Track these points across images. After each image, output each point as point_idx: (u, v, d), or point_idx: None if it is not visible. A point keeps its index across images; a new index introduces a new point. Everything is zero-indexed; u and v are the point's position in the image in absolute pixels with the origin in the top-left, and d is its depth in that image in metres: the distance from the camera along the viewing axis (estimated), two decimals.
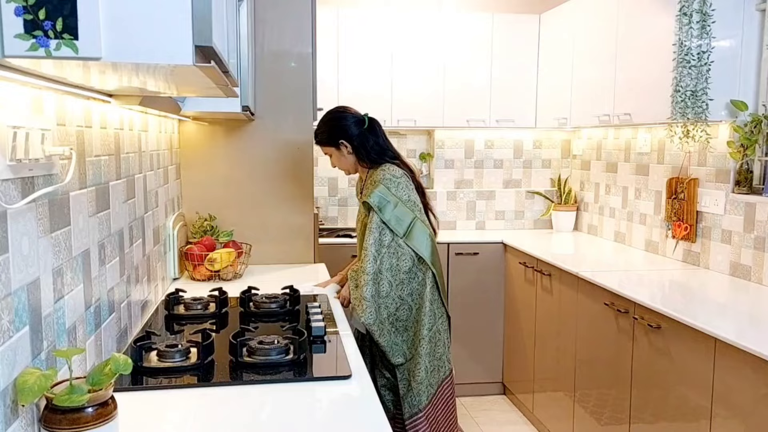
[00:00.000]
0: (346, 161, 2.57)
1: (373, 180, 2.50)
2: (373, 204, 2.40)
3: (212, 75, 1.09)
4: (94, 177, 1.59)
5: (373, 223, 2.40)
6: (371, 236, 2.39)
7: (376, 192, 2.42)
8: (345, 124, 2.54)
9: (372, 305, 2.36)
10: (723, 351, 2.11)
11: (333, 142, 2.54)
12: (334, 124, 2.54)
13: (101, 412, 1.18)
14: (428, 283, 2.45)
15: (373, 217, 2.41)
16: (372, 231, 2.39)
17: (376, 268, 2.38)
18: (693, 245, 3.18)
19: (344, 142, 2.53)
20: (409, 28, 4.17)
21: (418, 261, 2.43)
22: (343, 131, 2.53)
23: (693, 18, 2.75)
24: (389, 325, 2.41)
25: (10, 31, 0.86)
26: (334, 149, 2.56)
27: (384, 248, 2.39)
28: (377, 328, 2.38)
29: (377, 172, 2.50)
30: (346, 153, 2.55)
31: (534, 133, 4.59)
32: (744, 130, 2.75)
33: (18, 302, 1.12)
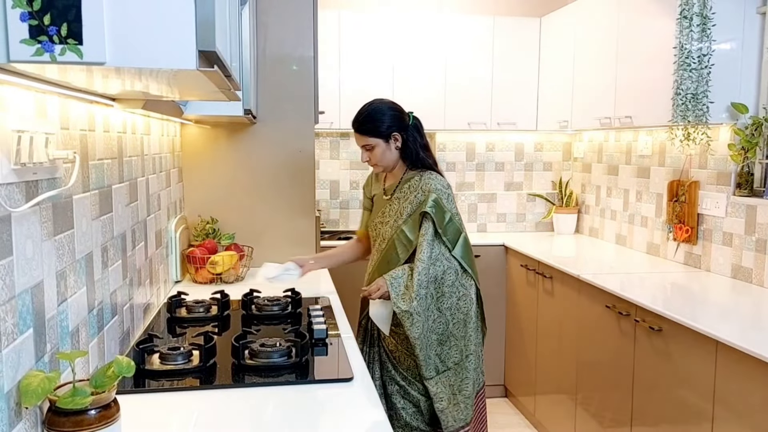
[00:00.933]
0: (390, 156, 2.41)
1: (416, 186, 2.39)
2: (432, 214, 2.30)
3: (215, 79, 1.10)
4: (97, 180, 1.60)
5: (429, 235, 2.30)
6: (427, 248, 2.28)
7: (432, 201, 2.31)
8: (401, 116, 2.41)
9: (422, 319, 2.26)
10: (724, 353, 2.11)
11: (386, 132, 2.37)
12: (394, 114, 2.39)
13: (104, 414, 1.19)
14: (473, 297, 2.38)
15: (429, 228, 2.30)
16: (428, 242, 2.29)
17: (428, 280, 2.29)
18: (694, 248, 3.18)
19: (397, 135, 2.38)
20: (410, 31, 4.18)
21: (462, 274, 2.35)
22: (399, 122, 2.39)
23: (693, 21, 2.76)
24: (424, 337, 2.30)
25: (16, 37, 0.86)
26: (381, 141, 2.38)
27: (432, 260, 2.30)
28: (420, 342, 2.27)
29: (423, 178, 2.39)
30: (393, 147, 2.40)
31: (535, 136, 4.60)
32: (745, 133, 2.75)
33: (22, 305, 1.13)
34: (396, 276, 2.30)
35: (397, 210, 2.43)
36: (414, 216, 2.36)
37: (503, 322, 4.14)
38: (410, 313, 2.24)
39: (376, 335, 2.48)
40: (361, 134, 2.39)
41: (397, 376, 2.42)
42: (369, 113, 2.39)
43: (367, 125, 2.37)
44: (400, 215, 2.40)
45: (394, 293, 2.26)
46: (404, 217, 2.38)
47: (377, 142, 2.38)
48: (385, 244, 2.43)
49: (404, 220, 2.38)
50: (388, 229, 2.44)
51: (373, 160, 2.42)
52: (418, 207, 2.36)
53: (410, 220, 2.37)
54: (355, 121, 2.41)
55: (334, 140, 4.48)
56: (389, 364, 2.43)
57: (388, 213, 2.46)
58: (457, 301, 2.35)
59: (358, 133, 2.40)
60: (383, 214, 2.48)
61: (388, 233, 2.44)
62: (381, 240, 2.47)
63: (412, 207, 2.38)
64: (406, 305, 2.24)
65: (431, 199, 2.33)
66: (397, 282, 2.29)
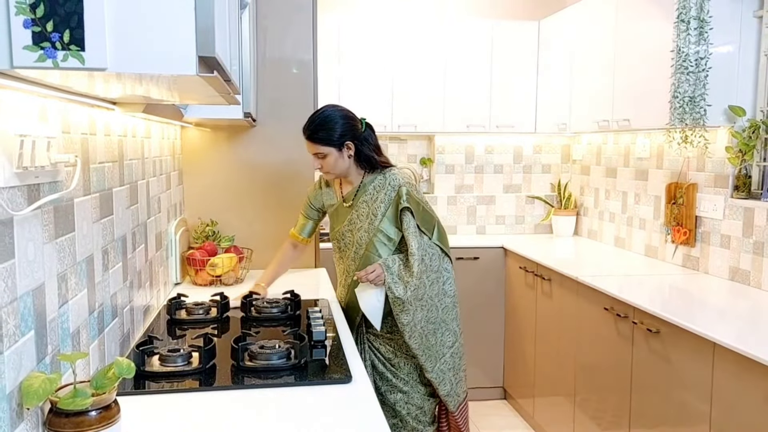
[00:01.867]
0: (343, 164, 2.39)
1: (382, 185, 2.40)
2: (412, 208, 2.34)
3: (215, 84, 1.11)
4: (98, 183, 1.62)
5: (412, 228, 2.33)
6: (413, 240, 2.31)
7: (405, 195, 2.35)
8: (354, 125, 2.39)
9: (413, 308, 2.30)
10: (722, 355, 2.12)
11: (338, 142, 2.35)
12: (346, 123, 2.36)
13: (104, 415, 1.20)
14: (452, 278, 2.45)
15: (410, 222, 2.34)
16: (413, 235, 2.32)
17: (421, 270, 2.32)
18: (692, 250, 3.19)
19: (350, 144, 2.36)
20: (409, 35, 4.20)
21: (443, 258, 2.41)
22: (352, 131, 2.37)
23: (691, 25, 2.77)
24: (420, 329, 2.34)
25: (19, 43, 0.88)
26: (334, 150, 2.35)
27: (421, 251, 2.33)
28: (409, 329, 2.31)
29: (388, 176, 2.41)
30: (346, 155, 2.38)
31: (534, 139, 4.61)
32: (742, 136, 2.77)
33: (24, 307, 1.14)
34: (387, 263, 2.32)
35: (367, 213, 2.41)
36: (389, 214, 2.37)
37: (502, 324, 4.15)
38: (403, 301, 2.28)
39: (367, 347, 2.47)
40: (313, 142, 2.35)
41: (399, 384, 2.41)
42: (321, 121, 2.34)
43: (318, 134, 2.33)
44: (373, 216, 2.39)
45: (390, 278, 2.28)
46: (379, 217, 2.38)
47: (329, 150, 2.35)
48: (363, 249, 2.42)
49: (380, 220, 2.38)
50: (363, 234, 2.42)
51: (325, 167, 2.39)
52: (391, 204, 2.38)
53: (386, 219, 2.37)
54: (306, 129, 2.37)
55: None
56: (388, 374, 2.43)
57: (356, 219, 2.44)
58: (443, 286, 2.41)
59: (309, 140, 2.36)
60: (350, 221, 2.45)
61: (363, 238, 2.41)
62: (357, 247, 2.44)
63: (385, 206, 2.38)
64: (399, 291, 2.28)
65: (404, 193, 2.35)
66: (389, 269, 2.31)
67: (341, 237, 2.50)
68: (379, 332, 2.43)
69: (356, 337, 2.46)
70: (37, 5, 0.87)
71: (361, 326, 2.47)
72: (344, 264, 2.51)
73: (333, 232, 2.55)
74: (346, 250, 2.49)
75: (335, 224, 2.53)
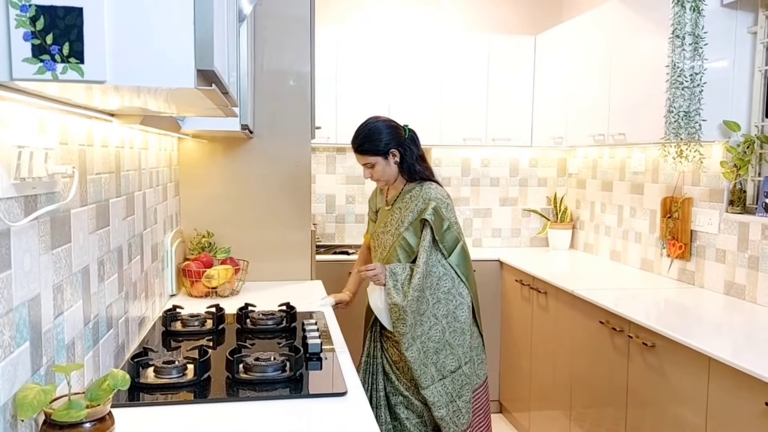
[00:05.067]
0: (390, 171, 2.53)
1: (416, 195, 2.52)
2: (431, 221, 2.43)
3: (213, 97, 1.12)
4: (95, 194, 1.62)
5: (426, 242, 2.43)
6: (424, 253, 2.41)
7: (431, 210, 2.44)
8: (398, 132, 2.52)
9: (410, 319, 2.37)
10: (717, 370, 2.12)
11: (384, 150, 2.49)
12: (390, 131, 2.51)
13: (99, 427, 1.20)
14: (467, 305, 2.48)
15: (427, 235, 2.43)
16: (425, 248, 2.42)
17: (424, 285, 2.40)
18: (688, 264, 3.20)
19: (395, 151, 2.51)
20: (407, 48, 4.22)
21: (459, 283, 2.46)
22: (396, 139, 2.51)
23: (686, 40, 2.80)
24: (420, 344, 2.41)
25: (19, 55, 0.88)
26: (380, 158, 2.50)
27: (429, 266, 2.41)
28: (405, 339, 2.38)
29: (423, 188, 2.53)
30: (392, 163, 2.52)
31: (530, 152, 4.63)
32: (737, 151, 2.79)
33: (19, 318, 1.14)
34: (394, 270, 2.43)
35: (398, 219, 2.54)
36: (415, 223, 2.49)
37: (498, 338, 4.14)
38: (400, 307, 2.36)
39: (380, 347, 2.56)
40: (361, 154, 2.51)
41: (401, 387, 2.49)
42: (366, 133, 2.50)
43: (365, 145, 2.49)
44: (401, 223, 2.52)
45: (390, 283, 2.39)
46: (405, 224, 2.50)
47: (376, 159, 2.50)
48: (386, 252, 2.55)
49: (405, 227, 2.50)
50: (389, 237, 2.56)
51: (375, 176, 2.55)
52: (418, 215, 2.48)
53: (411, 227, 2.49)
54: (353, 142, 2.52)
55: (330, 155, 4.51)
56: (392, 375, 2.51)
57: (389, 223, 2.58)
58: (454, 310, 2.45)
59: (357, 153, 2.52)
60: (385, 224, 2.60)
61: (389, 241, 2.55)
62: (382, 249, 2.59)
63: (413, 215, 2.50)
64: (398, 298, 2.37)
65: (431, 207, 2.46)
66: (394, 275, 2.41)
67: (376, 237, 2.66)
68: (389, 333, 2.49)
69: (371, 335, 2.59)
70: (37, 18, 0.88)
71: (375, 325, 2.58)
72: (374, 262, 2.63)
73: (371, 233, 2.74)
74: (376, 251, 2.65)
75: (377, 226, 2.69)
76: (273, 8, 3.05)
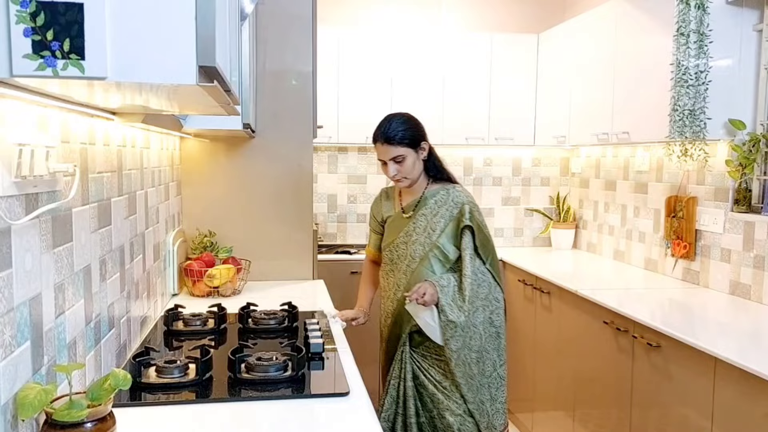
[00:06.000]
0: (418, 168, 2.38)
1: (444, 200, 2.37)
2: (474, 227, 2.30)
3: (215, 94, 1.11)
4: (97, 193, 1.61)
5: (470, 249, 2.29)
6: (470, 262, 2.27)
7: (469, 214, 2.32)
8: (422, 126, 2.41)
9: (463, 334, 2.24)
10: (723, 370, 2.11)
11: (417, 141, 2.34)
12: (419, 124, 2.39)
13: (100, 427, 1.19)
14: (502, 308, 2.36)
15: (469, 242, 2.30)
16: (470, 256, 2.28)
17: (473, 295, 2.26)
18: (692, 263, 3.18)
19: (425, 144, 2.37)
20: (408, 48, 4.21)
21: (495, 287, 2.34)
22: (424, 133, 2.39)
23: (690, 38, 2.78)
24: (464, 356, 2.27)
25: (19, 52, 0.87)
26: (412, 151, 2.34)
27: (474, 274, 2.28)
28: (456, 356, 2.25)
29: (451, 192, 2.40)
30: (420, 158, 2.37)
31: (533, 151, 4.62)
32: (742, 149, 2.77)
33: (20, 317, 1.13)
34: (442, 284, 2.26)
35: (425, 226, 2.36)
36: (448, 231, 2.33)
37: None
38: (456, 325, 2.22)
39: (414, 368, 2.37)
40: (392, 144, 2.30)
41: (452, 405, 2.30)
42: (398, 123, 2.33)
43: (399, 134, 2.30)
44: (432, 231, 2.34)
45: (444, 299, 2.22)
46: (437, 232, 2.34)
47: (408, 152, 2.32)
48: (416, 263, 2.36)
49: (438, 236, 2.33)
50: (419, 247, 2.36)
51: (402, 172, 2.34)
52: (451, 221, 2.33)
53: (444, 235, 2.33)
54: (382, 133, 2.32)
55: (332, 154, 4.50)
56: (439, 395, 2.31)
57: (413, 231, 2.39)
58: (490, 315, 2.32)
59: (388, 144, 2.31)
60: (406, 233, 2.40)
61: (419, 251, 2.36)
62: (410, 260, 2.38)
63: (446, 221, 2.34)
64: (454, 315, 2.22)
65: (467, 211, 2.32)
66: (445, 291, 2.24)
67: (394, 248, 2.44)
68: (427, 352, 2.35)
69: (399, 355, 2.39)
70: (38, 14, 0.87)
71: (405, 344, 2.39)
72: (395, 277, 2.44)
73: (386, 243, 2.49)
74: (398, 263, 2.43)
75: (390, 235, 2.48)
76: (275, 8, 3.04)
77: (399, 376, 2.39)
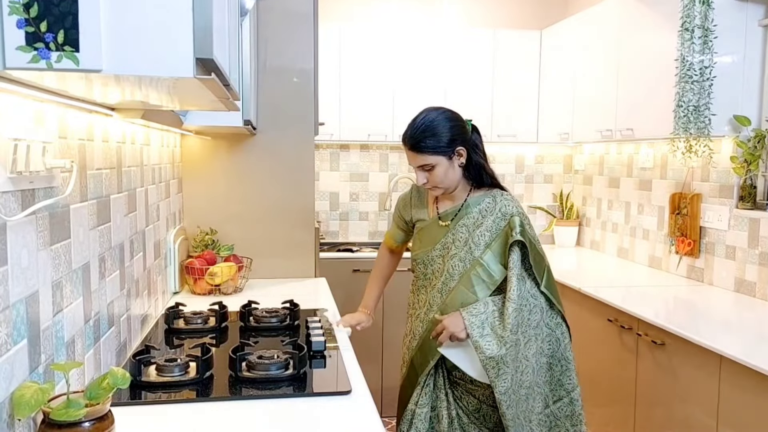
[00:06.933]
0: (453, 176, 2.01)
1: (490, 209, 2.02)
2: (525, 242, 1.95)
3: (213, 88, 1.09)
4: (95, 190, 1.59)
5: (517, 268, 1.93)
6: (517, 285, 1.91)
7: (519, 227, 1.96)
8: (463, 126, 2.03)
9: (510, 370, 1.88)
10: (728, 368, 2.09)
11: (449, 148, 1.98)
12: (456, 125, 2.01)
13: (98, 426, 1.17)
14: (559, 336, 2.03)
15: (517, 261, 1.94)
16: (518, 277, 1.93)
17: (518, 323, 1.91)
18: (696, 261, 3.16)
19: (461, 150, 2.00)
20: (410, 44, 4.19)
21: (548, 312, 2.01)
22: (462, 134, 2.01)
23: (695, 33, 2.76)
24: (513, 394, 1.92)
25: (12, 43, 0.86)
26: (444, 159, 1.98)
27: (522, 299, 1.93)
28: (507, 397, 1.89)
29: (498, 201, 2.04)
30: (457, 164, 2.01)
31: (536, 148, 4.59)
32: (747, 146, 2.74)
33: (16, 315, 1.11)
34: (473, 312, 1.92)
35: (466, 239, 2.02)
36: (495, 247, 1.98)
37: None
38: (496, 360, 1.87)
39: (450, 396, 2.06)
40: (419, 152, 1.98)
41: None
42: (427, 126, 1.98)
43: (426, 141, 1.96)
44: (474, 245, 2.00)
45: (476, 333, 1.89)
46: (481, 247, 1.99)
47: (439, 160, 1.98)
48: (455, 282, 2.01)
49: (483, 251, 1.98)
50: (457, 263, 2.01)
51: (433, 181, 2.01)
52: (498, 235, 1.99)
53: (489, 251, 1.98)
54: (409, 137, 1.99)
55: (334, 152, 4.48)
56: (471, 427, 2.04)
57: (451, 243, 2.05)
58: (540, 344, 2.00)
59: (414, 151, 1.98)
60: (444, 246, 2.06)
61: (457, 268, 2.01)
62: (447, 277, 2.03)
63: (491, 235, 1.99)
64: (491, 349, 1.87)
65: (517, 224, 1.97)
66: (477, 319, 1.90)
67: (429, 262, 2.10)
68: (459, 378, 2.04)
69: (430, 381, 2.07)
70: (31, 5, 0.85)
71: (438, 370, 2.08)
72: (427, 295, 2.10)
73: (418, 253, 2.15)
74: (432, 279, 2.09)
75: (423, 244, 2.13)
76: (276, 4, 3.02)
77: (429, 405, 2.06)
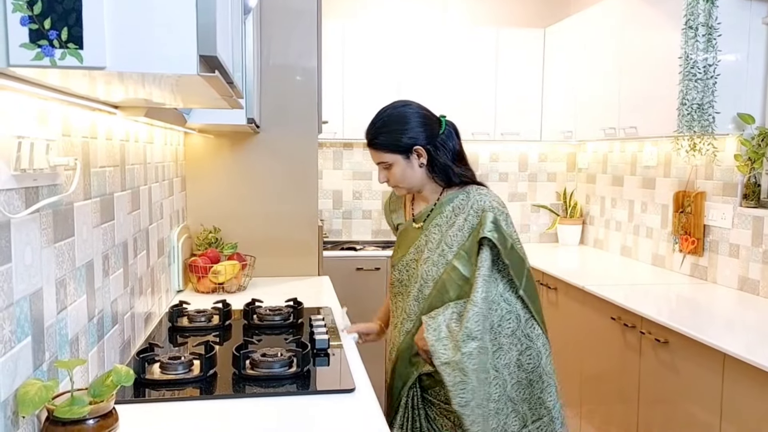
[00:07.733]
0: (413, 176, 1.88)
1: (463, 206, 1.87)
2: (494, 240, 1.79)
3: (216, 85, 1.09)
4: (99, 188, 1.59)
5: (485, 268, 1.78)
6: (482, 285, 1.76)
7: (490, 224, 1.80)
8: (429, 125, 1.88)
9: (471, 382, 1.71)
10: (732, 366, 2.08)
11: (406, 147, 1.85)
12: (421, 123, 1.87)
13: (102, 424, 1.17)
14: (541, 349, 1.84)
15: (486, 260, 1.79)
16: (483, 278, 1.77)
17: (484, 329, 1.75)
18: (700, 259, 3.15)
19: (420, 150, 1.86)
20: (414, 42, 4.19)
21: (526, 321, 1.83)
22: (426, 133, 1.86)
23: (699, 31, 2.75)
24: (477, 407, 1.74)
25: (16, 41, 0.86)
26: (400, 157, 1.86)
27: (489, 302, 1.77)
28: (469, 411, 1.72)
29: (471, 196, 1.88)
30: (416, 164, 1.87)
31: (539, 147, 4.59)
32: (751, 144, 2.74)
33: (20, 312, 1.12)
34: (434, 315, 1.80)
35: (439, 241, 1.88)
36: (467, 246, 1.84)
37: None
38: (452, 367, 1.72)
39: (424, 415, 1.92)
40: (374, 149, 1.88)
41: None
42: (385, 122, 1.87)
43: (379, 137, 1.86)
44: (447, 247, 1.86)
45: (432, 336, 1.75)
46: (454, 248, 1.85)
47: (395, 158, 1.86)
48: (431, 289, 1.86)
49: (455, 253, 1.84)
50: (431, 267, 1.87)
51: (393, 180, 1.91)
52: (471, 233, 1.84)
53: (462, 251, 1.84)
54: (367, 132, 1.90)
55: (337, 150, 4.48)
56: None
57: (424, 246, 1.91)
58: (518, 356, 1.82)
59: (370, 147, 1.90)
60: (417, 249, 1.93)
61: (431, 273, 1.87)
62: (422, 283, 1.88)
63: (463, 234, 1.85)
64: (446, 354, 1.72)
65: (489, 220, 1.81)
66: (434, 322, 1.77)
67: (404, 267, 1.96)
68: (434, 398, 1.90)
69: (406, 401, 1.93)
70: (35, 2, 0.85)
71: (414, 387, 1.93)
72: (404, 303, 1.95)
73: (395, 259, 2.02)
74: (408, 285, 1.94)
75: (399, 249, 2.00)
76: (279, 2, 3.02)
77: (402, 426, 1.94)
